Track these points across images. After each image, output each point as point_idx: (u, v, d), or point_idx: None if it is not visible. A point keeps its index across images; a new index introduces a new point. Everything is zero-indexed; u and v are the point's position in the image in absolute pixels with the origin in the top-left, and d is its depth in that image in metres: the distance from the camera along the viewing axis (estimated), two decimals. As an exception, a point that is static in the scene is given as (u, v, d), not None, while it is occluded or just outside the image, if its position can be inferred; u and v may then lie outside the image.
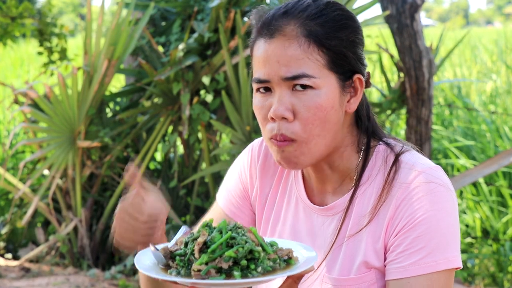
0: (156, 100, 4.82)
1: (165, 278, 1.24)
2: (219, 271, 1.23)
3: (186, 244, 1.29)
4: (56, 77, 4.75)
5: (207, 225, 1.30)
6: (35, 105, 4.70)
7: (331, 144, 1.43)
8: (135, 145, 5.00)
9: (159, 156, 5.59)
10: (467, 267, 4.86)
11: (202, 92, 4.70)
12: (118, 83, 9.36)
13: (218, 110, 4.71)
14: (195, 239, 1.28)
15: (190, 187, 4.96)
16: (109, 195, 4.94)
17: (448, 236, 1.37)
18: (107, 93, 4.97)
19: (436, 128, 6.60)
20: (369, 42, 7.27)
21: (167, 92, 4.58)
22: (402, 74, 4.65)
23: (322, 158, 1.44)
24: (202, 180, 4.93)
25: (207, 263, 1.23)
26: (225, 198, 1.62)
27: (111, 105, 5.08)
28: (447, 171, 5.92)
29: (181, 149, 5.61)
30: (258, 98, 1.43)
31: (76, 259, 4.81)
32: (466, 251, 5.07)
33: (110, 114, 4.97)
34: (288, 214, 1.55)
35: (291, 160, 1.41)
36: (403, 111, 5.16)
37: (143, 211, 1.36)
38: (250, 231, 1.28)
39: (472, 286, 4.71)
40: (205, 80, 4.53)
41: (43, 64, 5.32)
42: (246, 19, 4.44)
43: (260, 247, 1.26)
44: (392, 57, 4.75)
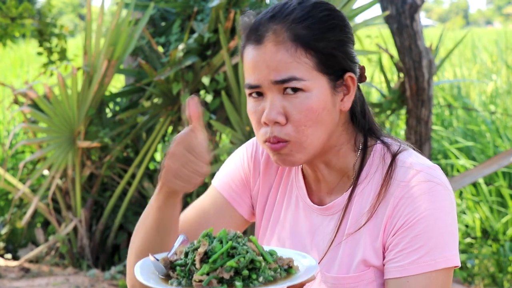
0: (156, 101, 4.81)
1: None
2: (221, 281, 1.23)
3: (187, 254, 1.29)
4: (56, 78, 4.75)
5: (207, 235, 1.30)
6: (35, 105, 4.69)
7: (326, 142, 1.43)
8: (135, 146, 5.00)
9: (159, 156, 5.58)
10: (467, 267, 4.85)
11: (202, 92, 4.69)
12: (118, 83, 9.35)
13: (218, 111, 4.71)
14: (196, 249, 1.27)
15: (190, 187, 4.95)
16: (109, 196, 4.94)
17: (446, 235, 1.37)
18: (107, 94, 4.97)
19: (436, 129, 6.59)
20: (369, 42, 7.28)
21: (167, 93, 4.58)
22: (402, 75, 4.65)
23: (318, 155, 1.44)
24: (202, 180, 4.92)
25: (209, 274, 1.24)
26: (225, 183, 1.61)
27: (111, 105, 5.08)
28: (447, 172, 5.92)
29: (181, 150, 5.59)
30: (251, 103, 1.44)
31: (76, 260, 4.81)
32: (466, 251, 5.07)
33: (110, 115, 4.97)
34: (288, 214, 1.55)
35: (287, 159, 1.43)
36: (403, 112, 5.16)
37: (194, 147, 1.36)
38: (250, 241, 1.28)
39: (472, 286, 4.71)
40: (205, 81, 4.53)
41: (43, 65, 5.32)
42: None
43: (261, 257, 1.26)
44: (392, 58, 4.75)
